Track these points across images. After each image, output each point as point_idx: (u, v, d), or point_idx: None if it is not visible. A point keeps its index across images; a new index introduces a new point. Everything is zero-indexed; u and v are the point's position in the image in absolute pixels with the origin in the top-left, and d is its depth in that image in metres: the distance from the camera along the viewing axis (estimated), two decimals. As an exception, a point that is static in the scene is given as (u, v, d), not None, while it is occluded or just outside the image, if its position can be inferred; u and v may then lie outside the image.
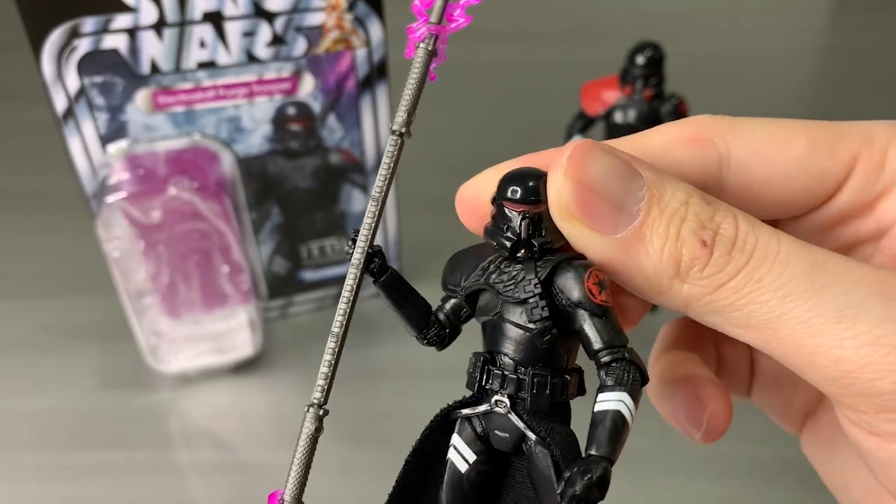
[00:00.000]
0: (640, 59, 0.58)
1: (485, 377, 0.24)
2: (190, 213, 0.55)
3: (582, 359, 0.24)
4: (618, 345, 0.23)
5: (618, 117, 0.60)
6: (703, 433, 0.29)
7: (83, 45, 0.49)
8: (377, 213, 0.23)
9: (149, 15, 0.49)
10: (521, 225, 0.23)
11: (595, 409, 0.22)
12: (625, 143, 0.25)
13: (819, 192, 0.25)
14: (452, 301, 0.25)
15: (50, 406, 0.60)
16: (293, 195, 0.60)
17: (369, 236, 0.23)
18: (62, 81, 0.50)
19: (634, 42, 0.59)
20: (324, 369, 0.22)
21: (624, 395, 0.22)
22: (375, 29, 0.53)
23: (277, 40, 0.52)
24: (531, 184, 0.24)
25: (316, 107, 0.56)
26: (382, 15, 0.52)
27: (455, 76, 0.93)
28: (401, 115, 0.24)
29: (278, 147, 0.57)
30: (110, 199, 0.53)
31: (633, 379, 0.22)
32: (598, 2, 1.05)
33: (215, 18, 0.50)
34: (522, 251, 0.24)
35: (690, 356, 0.31)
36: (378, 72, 0.55)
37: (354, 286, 0.23)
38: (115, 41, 0.49)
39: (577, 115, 0.62)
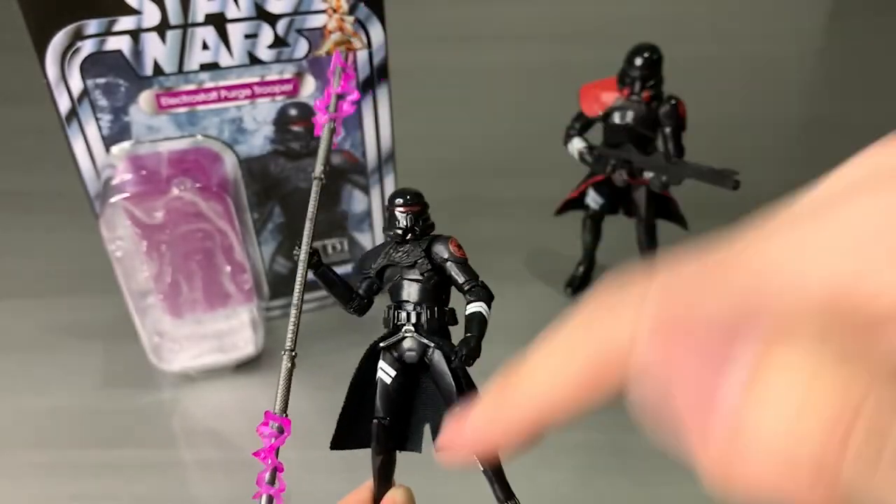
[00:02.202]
0: (639, 61, 0.58)
1: (395, 316, 0.36)
2: (192, 213, 0.55)
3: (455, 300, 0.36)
4: (474, 278, 0.36)
5: (616, 119, 0.60)
6: None
7: (86, 47, 0.49)
8: (311, 227, 0.39)
9: (152, 17, 0.49)
10: (406, 219, 0.36)
11: (466, 314, 0.35)
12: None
13: None
14: (367, 281, 0.38)
15: (53, 405, 0.61)
16: (295, 195, 0.60)
17: (309, 241, 0.38)
18: (66, 83, 0.51)
19: (633, 44, 0.59)
20: (291, 327, 0.36)
21: (482, 304, 0.35)
22: (376, 31, 0.53)
23: (279, 42, 0.52)
24: (408, 196, 0.37)
25: (317, 108, 0.56)
26: (383, 17, 0.53)
27: (454, 79, 0.94)
28: (318, 167, 0.41)
29: (280, 148, 0.58)
30: (113, 199, 0.53)
31: (487, 295, 0.36)
32: (596, 4, 1.05)
33: (217, 20, 0.51)
34: (409, 235, 0.36)
35: None
36: (379, 74, 0.55)
37: (303, 272, 0.38)
38: (119, 43, 0.50)
39: (576, 117, 0.62)
